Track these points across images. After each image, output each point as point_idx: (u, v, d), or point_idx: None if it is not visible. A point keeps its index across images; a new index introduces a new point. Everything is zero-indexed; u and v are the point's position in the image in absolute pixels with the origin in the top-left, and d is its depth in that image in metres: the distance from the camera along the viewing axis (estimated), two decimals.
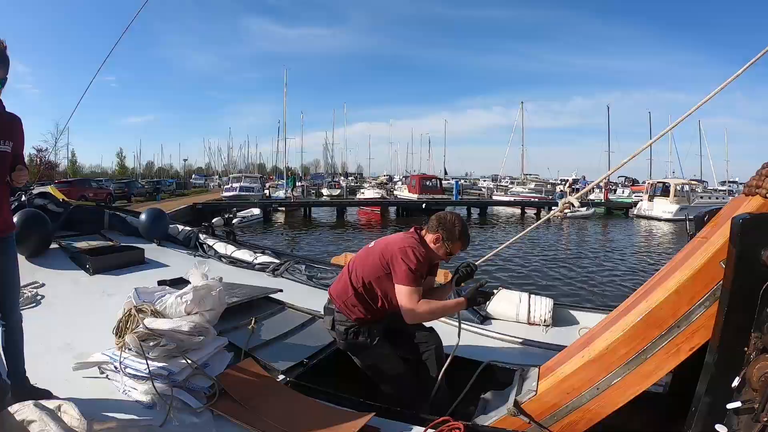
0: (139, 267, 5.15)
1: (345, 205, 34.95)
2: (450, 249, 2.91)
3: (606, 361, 2.10)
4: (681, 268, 2.02)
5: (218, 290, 2.90)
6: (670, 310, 1.97)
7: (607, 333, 2.17)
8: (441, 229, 2.89)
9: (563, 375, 2.23)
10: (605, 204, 40.13)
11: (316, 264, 5.58)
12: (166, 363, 2.46)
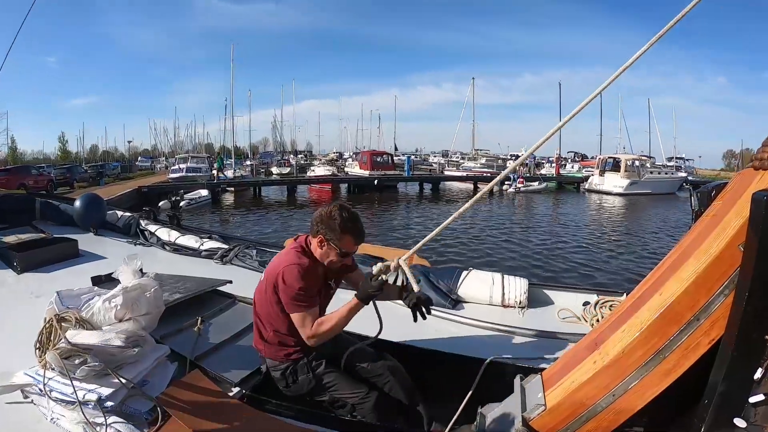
0: (73, 261, 4.65)
1: (295, 184, 34.82)
2: (341, 247, 2.45)
3: (622, 366, 1.90)
4: (695, 255, 1.83)
5: (153, 290, 2.43)
6: (688, 303, 1.79)
7: (619, 333, 1.96)
8: (321, 228, 2.45)
9: (575, 385, 2.00)
10: (557, 179, 41.38)
11: (268, 248, 5.20)
12: (96, 384, 2.01)
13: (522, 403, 2.16)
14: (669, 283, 1.87)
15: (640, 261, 14.20)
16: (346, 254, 2.51)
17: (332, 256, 2.48)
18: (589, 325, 3.53)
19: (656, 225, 22.09)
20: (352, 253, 2.57)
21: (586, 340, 2.29)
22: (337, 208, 2.49)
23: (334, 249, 2.46)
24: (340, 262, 2.53)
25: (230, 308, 3.36)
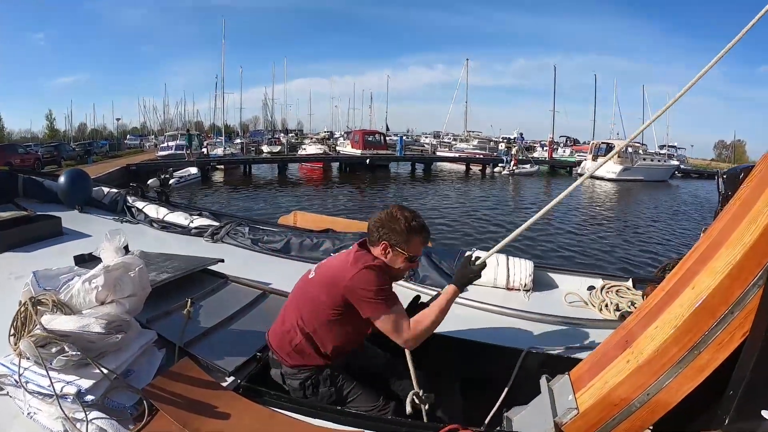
0: (56, 240, 4.42)
1: (286, 162, 34.58)
2: (408, 251, 2.21)
3: (656, 364, 1.81)
4: (727, 244, 1.76)
5: (138, 269, 2.22)
6: (723, 296, 1.70)
7: (651, 330, 1.88)
8: (383, 233, 2.19)
9: (609, 386, 1.90)
10: (549, 162, 41.55)
11: (261, 225, 5.00)
12: (75, 375, 1.80)
13: (552, 407, 2.05)
14: (701, 276, 1.78)
15: (637, 246, 14.22)
16: (413, 258, 2.26)
17: (399, 263, 2.23)
18: (597, 309, 3.44)
19: (651, 212, 22.18)
20: (419, 258, 2.33)
21: (615, 338, 2.19)
22: (398, 208, 2.24)
23: (401, 255, 2.21)
24: (407, 268, 2.31)
25: (222, 289, 3.16)
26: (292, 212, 6.28)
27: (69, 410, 1.74)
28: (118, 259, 2.20)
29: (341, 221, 6.17)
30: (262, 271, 3.49)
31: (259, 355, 2.39)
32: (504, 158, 37.61)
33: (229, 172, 31.31)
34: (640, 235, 16.17)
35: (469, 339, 2.84)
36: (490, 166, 37.45)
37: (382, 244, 2.20)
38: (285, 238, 4.33)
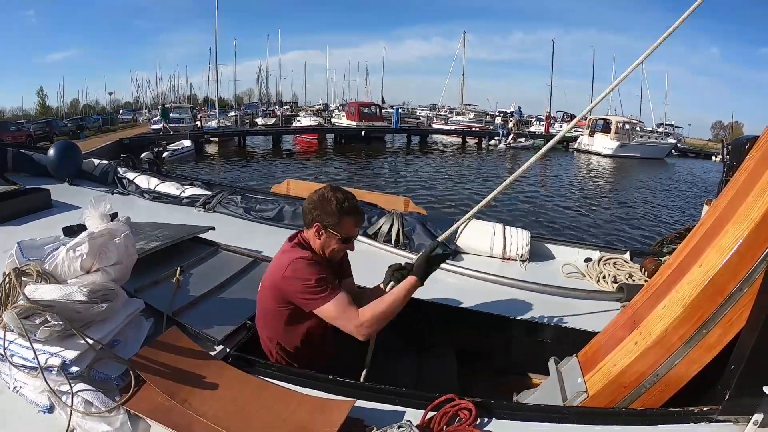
0: (45, 213, 4.31)
1: (281, 133, 34.57)
2: (341, 232, 2.14)
3: (665, 344, 1.83)
4: (733, 220, 1.76)
5: (124, 235, 2.12)
6: (731, 274, 1.71)
7: (659, 310, 1.89)
8: (316, 215, 2.12)
9: (618, 369, 1.92)
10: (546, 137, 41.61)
11: (254, 194, 4.92)
12: (60, 347, 1.73)
13: (561, 390, 2.07)
14: (709, 254, 1.79)
15: (633, 222, 14.26)
16: (347, 240, 2.19)
17: (333, 244, 2.16)
18: (594, 281, 3.42)
19: (647, 188, 22.22)
20: (353, 239, 2.23)
21: (622, 318, 2.20)
22: (329, 189, 2.16)
23: (334, 236, 2.14)
24: (342, 250, 2.22)
25: (213, 257, 3.09)
26: (285, 180, 6.20)
27: (54, 383, 1.68)
28: (103, 226, 2.11)
29: None
30: (254, 240, 3.42)
31: (250, 323, 2.33)
32: (500, 132, 37.50)
33: (223, 145, 31.04)
34: (635, 211, 16.22)
35: (464, 308, 2.81)
36: (486, 140, 37.49)
37: (315, 226, 2.14)
38: (278, 207, 4.27)
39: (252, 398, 1.73)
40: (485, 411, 1.76)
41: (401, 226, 3.86)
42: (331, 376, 1.95)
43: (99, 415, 1.64)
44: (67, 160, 5.55)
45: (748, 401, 1.64)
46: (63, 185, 5.31)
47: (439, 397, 1.77)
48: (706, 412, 1.73)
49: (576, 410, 1.94)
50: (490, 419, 1.74)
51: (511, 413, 1.79)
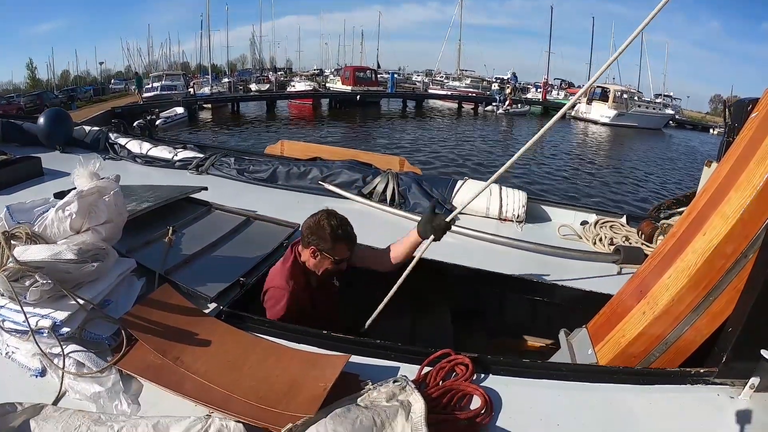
0: (36, 180, 4.22)
1: (275, 98, 34.42)
2: (334, 255, 2.29)
3: (673, 314, 1.83)
4: (736, 187, 1.73)
5: (113, 193, 2.06)
6: (736, 242, 1.70)
7: (665, 279, 1.89)
8: (312, 240, 2.27)
9: (627, 339, 1.94)
10: (543, 104, 41.50)
11: (247, 155, 4.85)
12: (51, 309, 1.69)
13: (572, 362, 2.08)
14: (712, 221, 1.78)
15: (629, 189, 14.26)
16: (340, 262, 2.34)
17: (326, 265, 2.32)
18: (591, 243, 3.39)
19: (643, 157, 22.19)
20: (346, 260, 2.38)
21: (629, 288, 2.18)
22: (325, 216, 2.31)
23: (327, 258, 2.29)
24: (335, 270, 2.37)
25: (205, 216, 3.05)
26: (279, 141, 6.12)
27: (45, 345, 1.64)
28: (92, 184, 2.05)
29: (329, 149, 6.06)
30: (247, 200, 3.38)
31: (242, 280, 2.31)
32: (497, 97, 37.31)
33: (217, 111, 30.83)
34: (631, 179, 16.22)
35: (460, 265, 2.78)
36: (482, 105, 37.36)
37: (311, 249, 2.29)
38: (272, 167, 4.20)
39: (244, 354, 1.71)
40: (482, 367, 1.76)
41: (396, 185, 3.82)
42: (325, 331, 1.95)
43: (91, 376, 1.60)
44: (57, 128, 5.43)
45: (744, 364, 1.64)
46: (54, 153, 5.21)
47: (435, 352, 1.76)
48: (703, 374, 1.74)
49: (573, 367, 1.95)
50: (486, 375, 1.73)
51: (508, 369, 1.78)
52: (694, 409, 1.63)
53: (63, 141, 5.42)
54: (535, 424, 1.52)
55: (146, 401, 1.55)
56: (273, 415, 1.36)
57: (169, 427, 1.34)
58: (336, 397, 1.42)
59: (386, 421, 1.25)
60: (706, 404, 1.64)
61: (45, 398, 1.53)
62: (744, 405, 1.62)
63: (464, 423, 1.46)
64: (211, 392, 1.49)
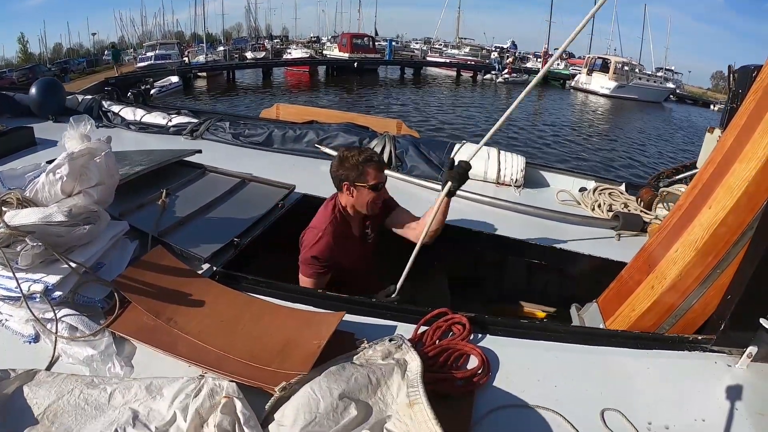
0: (29, 150, 4.17)
1: (271, 66, 34.09)
2: (368, 183, 2.24)
3: (681, 287, 1.82)
4: (741, 158, 1.70)
5: (104, 154, 2.02)
6: (741, 215, 1.68)
7: (672, 253, 1.87)
8: (341, 175, 2.25)
9: (637, 314, 1.93)
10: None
11: (242, 120, 4.78)
12: (42, 273, 1.66)
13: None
14: (718, 194, 1.75)
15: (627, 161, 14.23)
16: (377, 186, 2.28)
17: (366, 196, 2.27)
18: (590, 209, 3.36)
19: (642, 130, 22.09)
20: (383, 183, 2.33)
21: (637, 262, 2.18)
22: (345, 149, 2.32)
23: (362, 187, 2.25)
24: (378, 198, 2.34)
25: (199, 179, 3.00)
26: (275, 105, 6.04)
27: (38, 311, 1.62)
28: (83, 146, 2.01)
29: (325, 112, 5.98)
30: (242, 164, 3.33)
31: (237, 240, 2.28)
32: (496, 66, 37.04)
33: (212, 80, 30.60)
34: (629, 151, 16.20)
35: (457, 226, 2.77)
36: (481, 73, 37.07)
37: (344, 186, 2.26)
38: (267, 131, 4.15)
39: (238, 314, 1.69)
40: (479, 327, 1.75)
41: (393, 148, 3.77)
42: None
43: (84, 339, 1.58)
44: (49, 98, 5.33)
45: (743, 333, 1.64)
46: (47, 123, 5.12)
47: (432, 310, 1.76)
48: (701, 341, 1.73)
49: (572, 329, 1.95)
50: (484, 335, 1.73)
51: (506, 330, 1.77)
52: (691, 375, 1.62)
53: (55, 111, 5.32)
54: (533, 385, 1.52)
55: (139, 363, 1.54)
56: (267, 374, 1.35)
57: (162, 388, 1.33)
58: (331, 356, 1.41)
59: (381, 379, 1.23)
60: (703, 371, 1.64)
61: (39, 364, 1.51)
62: (741, 374, 1.61)
63: (461, 382, 1.45)
64: (205, 353, 1.48)
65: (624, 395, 1.51)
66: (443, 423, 1.04)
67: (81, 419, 1.28)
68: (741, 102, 2.17)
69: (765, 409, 1.47)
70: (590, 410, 1.43)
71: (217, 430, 1.12)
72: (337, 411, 1.13)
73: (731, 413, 1.46)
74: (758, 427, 1.41)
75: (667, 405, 1.49)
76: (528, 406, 1.44)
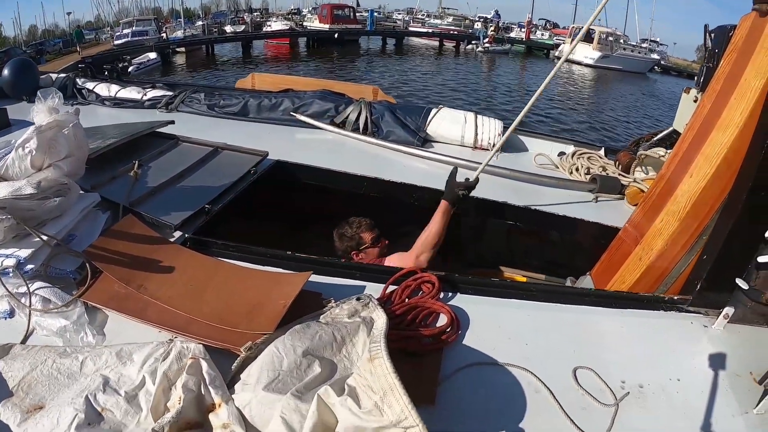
0: (2, 132, 4.01)
1: (251, 39, 33.82)
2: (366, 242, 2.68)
3: (668, 256, 1.86)
4: (718, 126, 1.72)
5: (72, 126, 1.96)
6: (722, 182, 1.69)
7: (657, 224, 1.91)
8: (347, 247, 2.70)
9: (628, 285, 1.97)
10: (526, 43, 41.03)
11: (218, 90, 4.72)
12: (15, 247, 1.64)
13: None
14: (698, 162, 1.77)
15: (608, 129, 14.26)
16: (376, 240, 2.68)
17: (373, 251, 2.66)
18: (568, 173, 3.37)
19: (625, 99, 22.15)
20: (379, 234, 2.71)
21: (625, 233, 2.23)
22: (338, 228, 2.74)
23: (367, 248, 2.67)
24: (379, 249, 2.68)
25: (172, 149, 2.95)
26: (250, 74, 5.95)
27: (12, 286, 1.60)
28: (50, 118, 1.97)
29: (301, 80, 5.94)
30: (217, 134, 3.28)
31: (208, 207, 2.26)
32: (479, 36, 36.84)
33: (191, 54, 30.14)
34: (611, 119, 16.25)
35: (433, 188, 2.76)
36: (464, 43, 36.84)
37: (354, 254, 2.66)
38: (242, 101, 4.09)
39: (207, 278, 1.69)
40: (449, 285, 1.75)
41: (369, 114, 3.75)
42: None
43: (57, 311, 1.57)
44: (22, 78, 5.15)
45: (719, 294, 1.64)
46: (21, 104, 4.96)
47: (402, 270, 1.76)
48: (677, 301, 1.74)
49: (544, 287, 1.94)
50: (454, 294, 1.73)
51: (476, 288, 1.77)
52: (667, 335, 1.62)
53: (29, 91, 5.15)
54: (503, 343, 1.52)
55: (111, 331, 1.54)
56: (234, 336, 1.36)
57: (132, 353, 1.33)
58: (299, 316, 1.41)
59: (347, 337, 1.24)
60: (679, 331, 1.64)
61: (15, 338, 1.51)
62: (717, 334, 1.62)
63: (429, 340, 1.46)
64: (175, 317, 1.48)
65: (597, 354, 1.51)
66: (409, 379, 1.05)
67: (54, 388, 1.29)
68: (717, 62, 2.17)
69: (741, 370, 1.48)
70: (562, 368, 1.44)
71: (183, 390, 1.13)
72: (301, 368, 1.14)
73: (707, 373, 1.46)
74: (734, 387, 1.42)
75: (642, 364, 1.49)
76: (498, 364, 1.44)
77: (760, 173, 1.50)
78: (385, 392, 0.95)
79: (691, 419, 1.31)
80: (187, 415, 1.10)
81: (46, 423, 1.16)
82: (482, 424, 1.26)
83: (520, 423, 1.26)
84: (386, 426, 0.94)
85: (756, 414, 1.34)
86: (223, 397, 1.14)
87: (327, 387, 1.01)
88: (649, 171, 3.14)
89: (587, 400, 1.34)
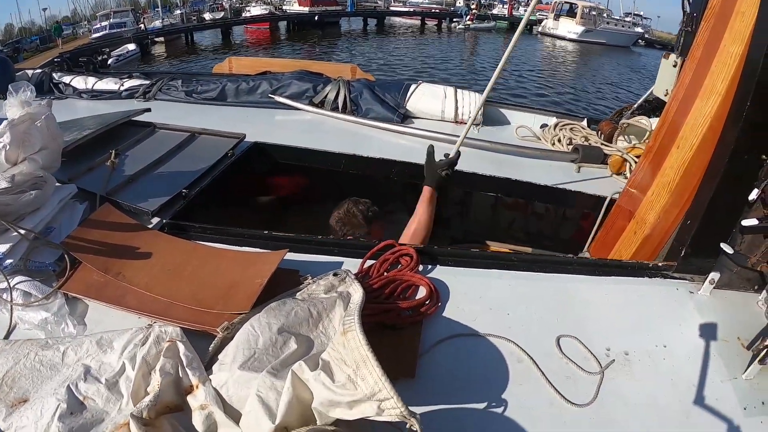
0: None
1: (230, 25, 33.78)
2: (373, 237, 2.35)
3: (661, 229, 1.88)
4: (701, 95, 1.72)
5: (45, 117, 1.95)
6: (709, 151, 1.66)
7: (649, 197, 1.94)
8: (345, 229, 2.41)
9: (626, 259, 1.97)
10: (509, 19, 40.95)
11: (195, 77, 4.64)
12: None
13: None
14: (684, 133, 1.79)
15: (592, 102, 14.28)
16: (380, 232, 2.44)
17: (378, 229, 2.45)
18: (550, 144, 3.37)
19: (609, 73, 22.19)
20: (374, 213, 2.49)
21: (618, 209, 2.25)
22: (352, 204, 2.43)
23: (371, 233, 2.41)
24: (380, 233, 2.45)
25: (149, 137, 2.92)
26: (227, 59, 5.91)
27: None
28: (23, 111, 1.94)
29: (279, 62, 5.90)
30: (195, 120, 3.26)
31: (185, 191, 2.24)
32: (462, 13, 36.71)
33: (171, 44, 29.95)
34: (595, 93, 16.27)
35: (417, 163, 2.73)
36: (446, 21, 36.66)
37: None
38: (220, 86, 4.06)
39: (184, 261, 1.68)
40: (428, 257, 1.74)
41: (348, 92, 3.74)
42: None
43: (38, 304, 1.57)
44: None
45: (704, 259, 1.62)
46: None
47: (379, 243, 1.75)
48: (662, 268, 1.73)
49: (525, 257, 1.95)
50: (434, 266, 1.72)
51: (456, 260, 1.76)
52: (652, 301, 1.61)
53: (5, 88, 5.12)
54: (485, 313, 1.51)
55: (92, 320, 1.53)
56: (212, 317, 1.36)
57: (112, 341, 1.33)
58: (275, 294, 1.41)
59: (323, 312, 1.24)
60: (664, 297, 1.62)
61: None
62: (704, 300, 1.61)
63: (408, 312, 1.45)
64: (153, 302, 1.48)
65: (581, 322, 1.50)
66: (388, 352, 1.05)
67: (37, 380, 1.29)
68: (696, 26, 2.16)
69: (728, 336, 1.48)
70: (545, 337, 1.43)
71: (160, 373, 1.13)
72: (276, 345, 1.14)
73: (694, 340, 1.46)
74: (722, 353, 1.41)
75: (627, 331, 1.48)
76: (479, 335, 1.43)
77: (741, 136, 1.48)
78: (358, 365, 0.95)
79: (679, 386, 1.31)
80: (166, 397, 1.10)
81: (30, 415, 1.16)
82: (464, 395, 1.25)
83: (503, 393, 1.26)
84: (361, 399, 0.93)
85: (745, 379, 1.34)
86: (200, 378, 1.14)
87: (301, 362, 1.01)
88: (631, 140, 3.14)
89: (572, 368, 1.34)
